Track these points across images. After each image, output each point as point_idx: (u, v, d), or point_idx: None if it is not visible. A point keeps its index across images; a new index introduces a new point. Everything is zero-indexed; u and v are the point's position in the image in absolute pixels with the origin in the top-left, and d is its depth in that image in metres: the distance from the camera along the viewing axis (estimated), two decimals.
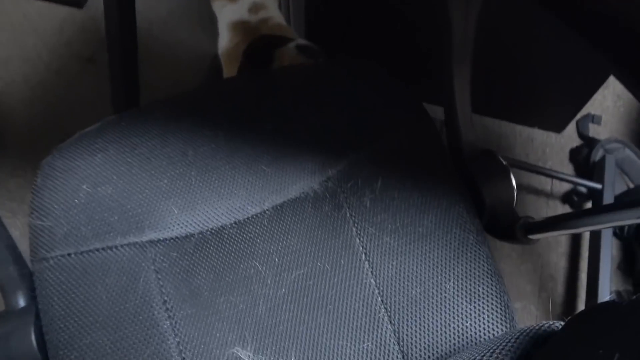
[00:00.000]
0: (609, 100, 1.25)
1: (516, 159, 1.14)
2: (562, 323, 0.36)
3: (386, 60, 0.99)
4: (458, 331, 0.52)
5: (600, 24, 0.43)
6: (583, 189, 1.10)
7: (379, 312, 0.52)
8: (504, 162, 0.62)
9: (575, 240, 1.10)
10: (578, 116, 1.19)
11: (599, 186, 1.06)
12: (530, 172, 1.11)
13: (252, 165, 0.60)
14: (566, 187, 1.16)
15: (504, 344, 0.35)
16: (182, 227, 0.57)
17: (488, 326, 0.52)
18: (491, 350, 0.35)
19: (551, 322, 0.36)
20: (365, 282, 0.54)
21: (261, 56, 0.92)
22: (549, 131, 1.22)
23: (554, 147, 1.20)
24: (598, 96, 1.23)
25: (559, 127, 1.21)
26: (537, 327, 0.36)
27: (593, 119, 1.20)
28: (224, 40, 0.97)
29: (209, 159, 0.60)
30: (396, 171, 0.59)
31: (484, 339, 0.51)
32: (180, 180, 0.59)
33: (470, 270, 0.53)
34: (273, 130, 0.62)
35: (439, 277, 0.53)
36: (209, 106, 0.65)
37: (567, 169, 1.18)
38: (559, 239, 1.10)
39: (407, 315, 0.52)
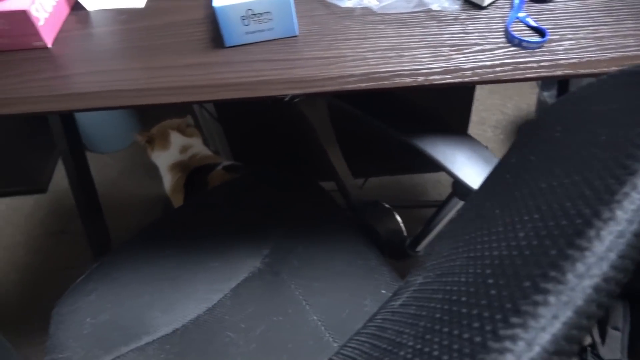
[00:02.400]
0: (489, 132, 1.53)
1: (425, 200, 1.37)
2: None
3: (288, 158, 1.24)
4: None
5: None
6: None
7: (325, 337, 0.71)
8: (386, 205, 0.85)
9: None
10: None
11: None
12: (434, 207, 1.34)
13: (204, 265, 0.80)
14: None
15: None
16: (168, 326, 0.75)
17: None
18: None
19: None
20: (309, 319, 0.72)
21: (198, 183, 1.15)
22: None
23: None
24: (477, 130, 1.50)
25: None
26: None
27: None
28: (167, 180, 1.20)
29: (174, 272, 0.80)
30: (309, 235, 0.80)
31: None
32: (156, 293, 0.78)
33: (378, 286, 0.73)
34: (215, 235, 0.83)
35: (358, 298, 0.72)
36: (163, 234, 0.85)
37: None
38: None
39: (344, 332, 0.70)
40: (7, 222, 1.52)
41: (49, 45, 0.60)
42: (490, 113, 1.56)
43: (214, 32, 0.58)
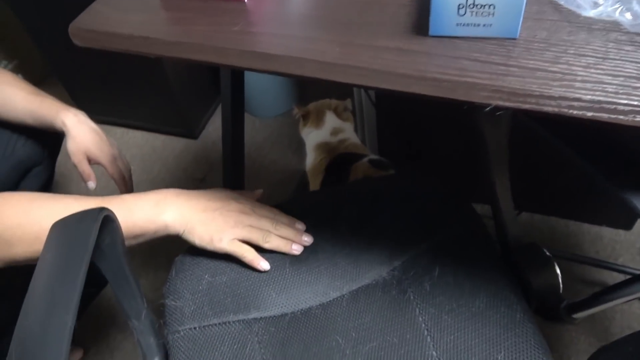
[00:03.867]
0: None
1: (584, 255, 1.19)
2: None
3: (442, 168, 1.14)
4: None
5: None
6: None
7: None
8: (547, 253, 0.73)
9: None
10: None
11: None
12: (599, 267, 1.16)
13: (332, 259, 0.75)
14: None
15: None
16: (278, 308, 0.72)
17: None
18: None
19: None
20: (428, 353, 0.64)
21: (340, 170, 1.11)
22: (618, 229, 1.27)
23: (623, 244, 1.24)
24: None
25: (627, 225, 1.26)
26: None
27: None
28: (310, 158, 1.18)
29: (299, 255, 0.76)
30: (451, 261, 0.71)
31: None
32: (277, 270, 0.75)
33: (519, 343, 0.62)
34: (349, 232, 0.78)
35: (492, 349, 0.63)
36: (300, 213, 0.82)
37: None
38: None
39: None
40: (158, 157, 1.63)
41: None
42: None
43: (419, 17, 0.51)
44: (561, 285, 0.71)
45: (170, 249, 1.35)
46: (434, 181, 0.82)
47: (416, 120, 1.19)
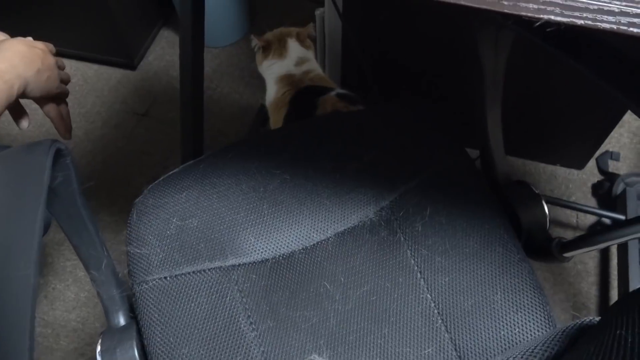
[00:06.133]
0: (625, 138, 1.33)
1: (542, 193, 1.21)
2: (599, 318, 0.41)
3: (423, 102, 1.09)
4: (507, 338, 0.58)
5: (616, 64, 0.52)
6: (607, 221, 1.17)
7: (437, 322, 0.59)
8: (536, 190, 0.71)
9: (604, 268, 1.16)
10: (597, 154, 1.27)
11: (622, 217, 1.13)
12: (557, 205, 1.18)
13: (314, 199, 0.69)
14: (590, 219, 1.22)
15: (543, 341, 0.41)
16: (258, 254, 0.65)
17: (534, 333, 0.58)
18: (531, 349, 0.41)
19: (589, 318, 0.42)
20: (422, 297, 0.61)
21: (306, 104, 1.03)
22: (571, 168, 1.30)
23: (576, 182, 1.28)
24: (615, 134, 1.32)
25: (579, 164, 1.29)
26: (574, 324, 0.41)
27: (612, 155, 1.28)
28: (272, 92, 1.09)
29: (278, 194, 0.69)
30: (442, 200, 0.67)
31: None
32: (254, 212, 0.68)
33: (516, 284, 0.60)
34: (332, 169, 0.72)
35: (488, 290, 0.60)
36: (274, 149, 0.74)
37: (591, 202, 1.25)
38: (588, 268, 1.16)
39: (462, 324, 0.59)
40: (91, 89, 1.46)
41: None
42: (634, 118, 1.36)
43: None
44: (548, 223, 0.70)
45: (128, 188, 1.24)
46: (422, 111, 0.76)
47: (392, 42, 1.11)
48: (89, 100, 1.43)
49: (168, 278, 0.62)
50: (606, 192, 1.21)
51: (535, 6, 0.38)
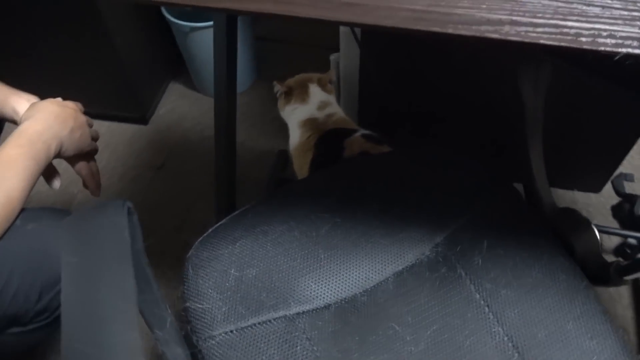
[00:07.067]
0: (636, 160, 1.36)
1: None
2: None
3: (453, 142, 1.11)
4: None
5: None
6: (633, 241, 1.18)
7: (513, 356, 0.59)
8: (584, 215, 0.72)
9: (636, 289, 1.16)
10: (612, 177, 1.30)
11: None
12: None
13: (368, 240, 0.69)
14: (615, 241, 1.24)
15: None
16: (321, 299, 0.65)
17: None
18: None
19: None
20: (494, 331, 0.61)
21: (332, 146, 1.04)
22: (588, 192, 1.32)
23: (596, 206, 1.29)
24: (627, 156, 1.35)
25: (597, 188, 1.31)
26: None
27: (626, 177, 1.31)
28: (295, 136, 1.10)
29: (331, 238, 0.69)
30: (496, 233, 0.68)
31: None
32: (311, 258, 0.67)
33: (586, 311, 0.60)
34: (379, 210, 0.72)
35: (560, 319, 0.60)
36: (319, 194, 0.75)
37: (613, 224, 1.27)
38: (620, 291, 1.16)
39: (539, 356, 0.58)
40: (105, 146, 1.46)
41: None
42: None
43: None
44: (601, 248, 0.71)
45: (152, 241, 1.22)
46: (463, 158, 0.77)
47: (414, 84, 1.13)
48: (104, 157, 1.43)
49: (234, 331, 0.61)
50: (628, 212, 1.22)
51: (613, 41, 0.40)
